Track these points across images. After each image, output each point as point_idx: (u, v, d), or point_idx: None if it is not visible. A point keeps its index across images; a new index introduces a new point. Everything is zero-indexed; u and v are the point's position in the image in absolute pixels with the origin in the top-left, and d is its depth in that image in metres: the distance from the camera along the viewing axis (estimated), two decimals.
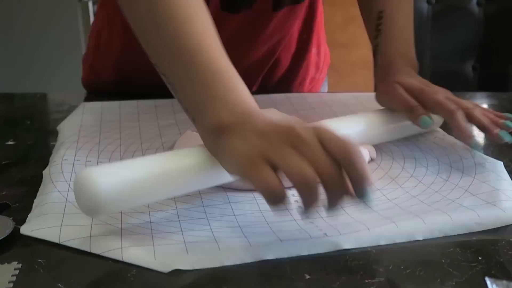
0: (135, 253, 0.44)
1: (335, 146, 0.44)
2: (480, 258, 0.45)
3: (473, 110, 0.62)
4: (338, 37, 2.52)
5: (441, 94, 0.64)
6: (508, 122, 0.62)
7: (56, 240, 0.47)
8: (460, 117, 0.61)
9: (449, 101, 0.63)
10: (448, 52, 1.46)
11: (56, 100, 0.95)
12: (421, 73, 0.71)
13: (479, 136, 0.69)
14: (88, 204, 0.44)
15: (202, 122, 0.50)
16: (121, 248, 0.45)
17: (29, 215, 0.51)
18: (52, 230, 0.48)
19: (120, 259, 0.44)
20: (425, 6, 1.45)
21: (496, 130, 0.61)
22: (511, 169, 0.62)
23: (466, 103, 0.64)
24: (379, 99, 0.71)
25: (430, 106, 0.64)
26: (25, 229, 0.48)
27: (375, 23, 0.75)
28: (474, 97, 0.95)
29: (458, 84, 1.46)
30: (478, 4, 1.42)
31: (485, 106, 0.90)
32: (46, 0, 2.21)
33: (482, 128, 0.62)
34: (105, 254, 0.45)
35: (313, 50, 0.97)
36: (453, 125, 0.62)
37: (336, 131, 0.45)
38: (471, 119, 0.62)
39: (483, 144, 0.69)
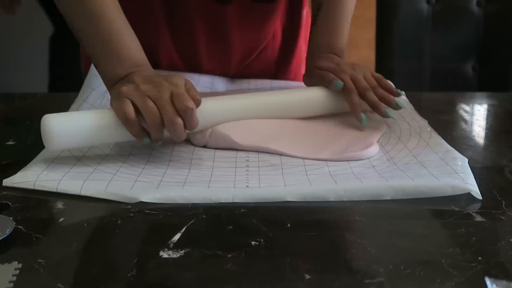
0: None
1: (177, 101, 0.60)
2: (480, 258, 0.45)
3: (367, 90, 0.72)
4: None
5: (347, 73, 0.74)
6: (388, 110, 0.71)
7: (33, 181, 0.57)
8: (353, 95, 0.72)
9: (350, 80, 0.73)
10: (448, 52, 1.46)
11: (56, 100, 0.95)
12: (421, 73, 0.71)
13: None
14: (46, 142, 0.60)
15: (102, 71, 0.67)
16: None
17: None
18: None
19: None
20: (425, 6, 1.45)
21: (383, 108, 0.71)
22: (511, 169, 0.62)
23: (363, 83, 0.73)
24: (304, 80, 0.82)
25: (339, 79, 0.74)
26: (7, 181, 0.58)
27: (314, 13, 0.85)
28: (474, 97, 0.95)
29: (458, 84, 1.46)
30: (478, 4, 1.42)
31: (484, 106, 0.90)
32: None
33: (372, 105, 0.72)
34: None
35: (303, 47, 0.98)
36: (348, 102, 0.73)
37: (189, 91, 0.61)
38: (364, 97, 0.72)
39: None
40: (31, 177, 0.58)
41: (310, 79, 0.79)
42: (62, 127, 0.60)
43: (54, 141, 0.60)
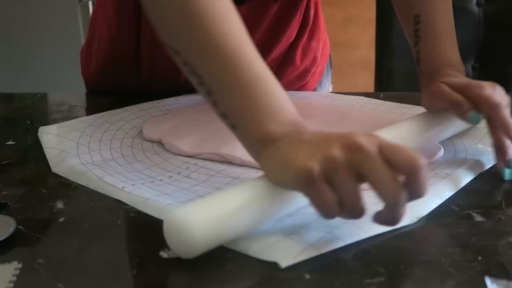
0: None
1: (399, 160, 0.42)
2: (480, 258, 0.45)
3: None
4: (338, 37, 2.52)
5: (488, 88, 0.60)
6: None
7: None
8: (504, 111, 0.59)
9: (495, 95, 0.60)
10: None
11: (56, 100, 0.95)
12: None
13: None
14: (183, 247, 0.44)
15: (245, 131, 0.49)
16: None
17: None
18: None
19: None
20: None
21: None
22: None
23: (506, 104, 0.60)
24: (425, 102, 0.66)
25: (474, 100, 0.60)
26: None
27: (412, 28, 0.70)
28: None
29: None
30: (478, 4, 1.42)
31: None
32: (46, 0, 2.21)
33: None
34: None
35: (299, 56, 0.94)
36: (495, 118, 0.59)
37: (394, 142, 0.44)
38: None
39: None
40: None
41: (435, 97, 0.64)
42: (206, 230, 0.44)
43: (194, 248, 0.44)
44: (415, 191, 0.43)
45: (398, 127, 0.63)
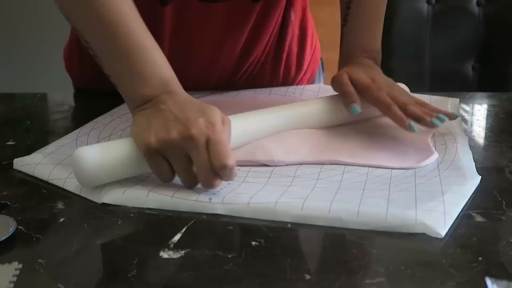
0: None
1: (214, 155, 0.52)
2: (480, 258, 0.45)
3: (408, 105, 0.66)
4: (338, 37, 2.52)
5: (384, 91, 0.68)
6: (435, 120, 0.64)
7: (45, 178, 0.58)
8: (395, 109, 0.66)
9: (387, 97, 0.67)
10: (448, 52, 1.46)
11: (56, 100, 0.95)
12: (421, 73, 0.71)
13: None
14: (80, 177, 0.55)
15: (123, 91, 0.59)
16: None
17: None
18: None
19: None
20: (425, 6, 1.45)
21: (428, 119, 0.64)
22: (511, 169, 0.62)
23: (403, 98, 0.67)
24: (331, 84, 0.73)
25: (371, 103, 0.69)
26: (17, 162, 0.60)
27: (343, 12, 0.78)
28: (474, 97, 0.95)
29: (458, 84, 1.46)
30: (478, 4, 1.42)
31: (484, 106, 0.90)
32: (47, 0, 2.21)
33: (416, 118, 0.65)
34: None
35: (294, 49, 0.94)
36: (390, 117, 0.67)
37: (227, 142, 0.54)
38: (405, 112, 0.66)
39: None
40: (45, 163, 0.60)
41: (336, 84, 0.72)
42: (95, 161, 0.54)
43: (86, 179, 0.55)
44: (223, 178, 0.53)
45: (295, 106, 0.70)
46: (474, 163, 0.62)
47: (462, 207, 0.52)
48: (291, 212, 0.51)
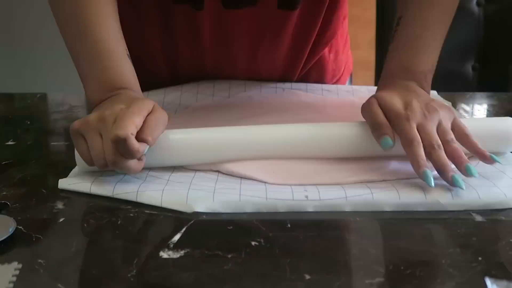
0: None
1: (112, 132, 0.53)
2: (480, 258, 0.45)
3: (435, 147, 0.55)
4: None
5: (413, 120, 0.57)
6: (457, 178, 0.54)
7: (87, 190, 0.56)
8: (415, 148, 0.55)
9: (414, 130, 0.57)
10: (448, 52, 1.45)
11: (56, 100, 0.95)
12: None
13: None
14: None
15: (85, 91, 0.63)
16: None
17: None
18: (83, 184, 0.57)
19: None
20: None
21: (450, 174, 0.54)
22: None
23: (433, 135, 0.57)
24: (362, 114, 0.63)
25: (398, 134, 0.58)
26: (63, 183, 0.57)
27: (393, 28, 0.68)
28: (474, 97, 0.95)
29: (458, 84, 1.45)
30: (478, 4, 1.42)
31: (484, 106, 0.90)
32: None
33: (437, 168, 0.55)
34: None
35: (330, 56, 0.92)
36: (407, 155, 0.56)
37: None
38: (429, 156, 0.56)
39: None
40: (87, 179, 0.58)
41: (365, 112, 0.62)
42: None
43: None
44: (124, 155, 0.54)
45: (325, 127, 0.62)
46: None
47: None
48: (389, 201, 0.53)
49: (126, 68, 0.63)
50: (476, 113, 0.86)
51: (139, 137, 0.54)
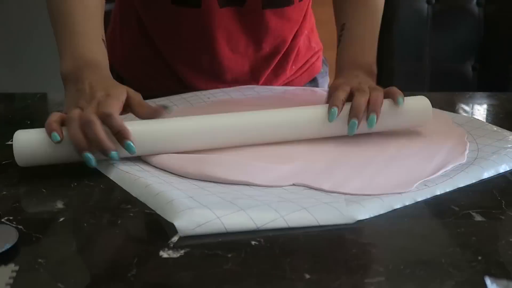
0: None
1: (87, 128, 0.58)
2: (480, 258, 0.45)
3: (358, 91, 0.67)
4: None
5: (349, 86, 0.69)
6: (354, 121, 0.65)
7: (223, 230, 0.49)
8: (338, 92, 0.67)
9: (344, 85, 0.69)
10: (448, 52, 1.46)
11: (56, 100, 0.95)
12: (421, 73, 0.71)
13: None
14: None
15: (60, 65, 0.68)
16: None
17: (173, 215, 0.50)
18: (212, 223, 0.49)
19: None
20: (425, 6, 1.45)
21: (355, 119, 0.65)
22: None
23: (363, 87, 0.68)
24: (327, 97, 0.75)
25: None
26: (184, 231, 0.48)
27: (338, 33, 0.83)
28: (474, 97, 0.95)
29: (458, 84, 1.46)
30: (478, 4, 1.42)
31: (484, 106, 0.90)
32: None
33: (350, 110, 0.66)
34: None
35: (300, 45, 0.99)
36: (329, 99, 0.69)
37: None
38: (353, 98, 0.67)
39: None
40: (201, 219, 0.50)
41: (328, 98, 0.73)
42: (30, 144, 0.61)
43: (23, 158, 0.61)
44: (110, 128, 0.59)
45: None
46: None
47: None
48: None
49: (98, 48, 0.71)
50: (476, 113, 0.86)
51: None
